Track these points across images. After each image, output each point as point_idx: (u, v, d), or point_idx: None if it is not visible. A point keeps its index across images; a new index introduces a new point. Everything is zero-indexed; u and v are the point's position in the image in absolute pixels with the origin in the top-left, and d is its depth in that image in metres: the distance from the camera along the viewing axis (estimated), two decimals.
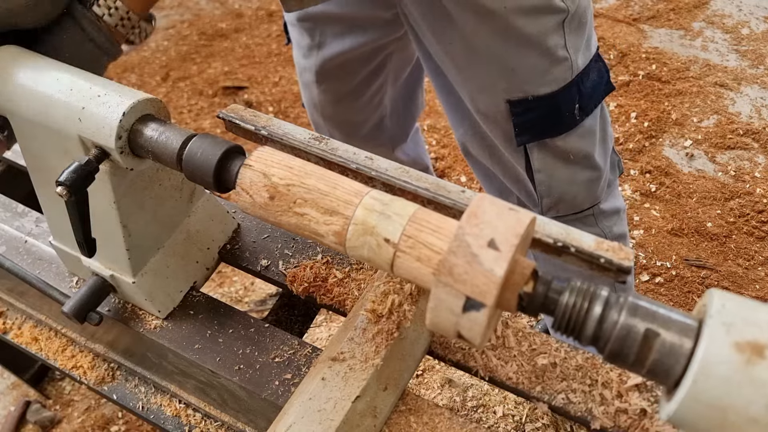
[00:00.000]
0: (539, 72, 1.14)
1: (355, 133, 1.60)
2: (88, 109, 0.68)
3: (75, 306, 0.83)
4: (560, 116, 1.18)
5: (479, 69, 1.16)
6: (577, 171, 1.27)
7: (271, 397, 0.79)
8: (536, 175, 1.26)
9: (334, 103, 1.51)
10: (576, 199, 1.31)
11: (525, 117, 1.18)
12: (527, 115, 1.17)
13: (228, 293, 2.06)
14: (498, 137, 1.24)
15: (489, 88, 1.17)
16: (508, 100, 1.16)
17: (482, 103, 1.20)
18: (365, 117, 1.58)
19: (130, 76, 2.96)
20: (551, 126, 1.20)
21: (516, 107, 1.17)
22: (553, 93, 1.16)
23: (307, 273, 0.88)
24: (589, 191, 1.31)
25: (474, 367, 0.79)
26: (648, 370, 0.47)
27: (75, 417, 1.82)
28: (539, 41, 1.11)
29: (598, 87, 1.21)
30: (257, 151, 0.62)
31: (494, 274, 0.48)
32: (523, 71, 1.14)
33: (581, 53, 1.16)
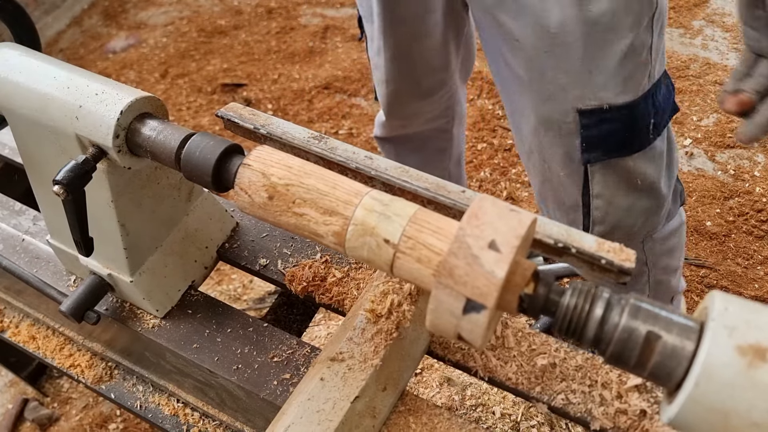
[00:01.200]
0: (621, 76, 1.02)
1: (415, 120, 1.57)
2: (86, 107, 0.68)
3: (72, 305, 0.82)
4: (635, 131, 1.07)
5: (550, 67, 1.03)
6: (639, 198, 1.16)
7: (270, 397, 0.79)
8: (594, 200, 1.15)
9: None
10: (632, 228, 1.20)
11: (596, 130, 1.06)
12: (599, 128, 1.06)
13: (226, 291, 2.05)
14: (556, 153, 1.12)
15: (558, 93, 1.05)
16: (580, 109, 1.04)
17: (547, 112, 1.08)
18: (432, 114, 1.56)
19: (129, 72, 2.95)
20: (624, 143, 1.08)
21: (587, 118, 1.05)
22: (632, 103, 1.04)
23: (306, 272, 0.88)
24: (648, 221, 1.21)
25: (473, 367, 0.79)
26: (649, 373, 0.47)
27: (73, 415, 1.81)
28: (629, 37, 0.99)
29: (667, 103, 1.11)
30: (256, 151, 0.62)
31: (495, 276, 0.48)
32: (602, 74, 1.02)
33: (659, 60, 1.05)
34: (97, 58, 3.08)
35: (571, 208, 1.20)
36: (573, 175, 1.13)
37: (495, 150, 2.37)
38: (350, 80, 2.73)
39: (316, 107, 2.65)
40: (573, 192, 1.16)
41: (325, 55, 2.90)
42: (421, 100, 1.47)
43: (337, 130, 2.53)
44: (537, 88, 1.07)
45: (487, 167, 2.31)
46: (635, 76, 1.04)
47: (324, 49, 2.94)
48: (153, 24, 3.27)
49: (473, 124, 2.48)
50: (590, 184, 1.13)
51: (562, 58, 1.02)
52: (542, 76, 1.05)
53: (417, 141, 1.62)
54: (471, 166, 2.31)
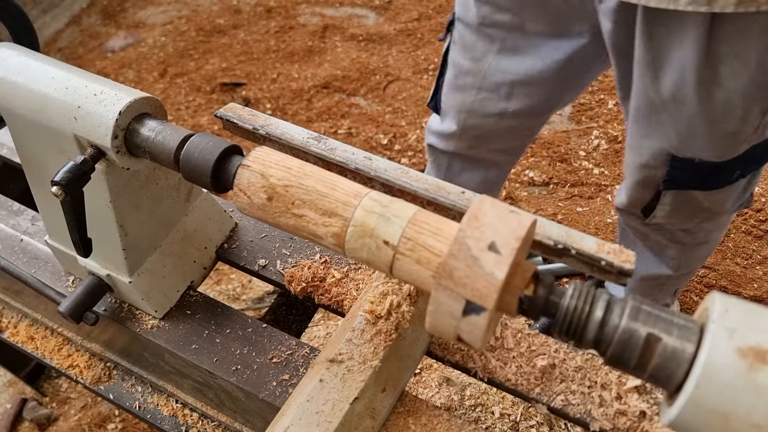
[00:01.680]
0: (721, 146, 1.05)
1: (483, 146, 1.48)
2: (84, 107, 0.68)
3: (71, 306, 0.82)
4: (719, 177, 1.11)
5: (662, 114, 1.05)
6: (701, 212, 1.23)
7: (269, 398, 0.79)
8: (657, 207, 1.22)
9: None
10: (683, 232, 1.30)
11: (682, 173, 1.11)
12: (685, 172, 1.10)
13: (225, 291, 2.05)
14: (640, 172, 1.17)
15: (658, 135, 1.08)
16: (673, 155, 1.09)
17: (645, 144, 1.12)
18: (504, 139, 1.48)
19: (128, 72, 2.95)
20: (705, 184, 1.12)
21: (678, 162, 1.09)
22: (724, 162, 1.07)
23: (305, 273, 0.88)
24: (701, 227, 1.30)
25: (473, 368, 0.79)
26: (650, 375, 0.47)
27: (72, 415, 1.81)
28: (740, 121, 1.00)
29: (764, 158, 1.12)
30: (255, 151, 0.62)
31: (495, 278, 0.48)
32: (704, 140, 1.04)
33: (763, 129, 1.04)
34: (96, 58, 3.08)
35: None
36: (647, 190, 1.20)
37: None
38: (349, 80, 2.73)
39: (315, 107, 2.65)
40: (643, 197, 1.23)
41: (324, 55, 2.90)
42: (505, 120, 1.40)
43: (336, 130, 2.53)
44: (644, 121, 1.10)
45: None
46: (735, 146, 1.06)
47: (323, 49, 2.94)
48: (152, 23, 3.26)
49: None
50: (659, 198, 1.19)
51: (672, 113, 1.04)
52: (651, 116, 1.07)
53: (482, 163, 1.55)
54: None
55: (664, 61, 0.98)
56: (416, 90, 2.66)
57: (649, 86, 1.03)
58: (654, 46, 0.97)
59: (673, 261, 1.49)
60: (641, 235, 1.44)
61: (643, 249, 1.51)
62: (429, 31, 2.93)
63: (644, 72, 1.02)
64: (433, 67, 2.74)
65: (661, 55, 0.98)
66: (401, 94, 2.65)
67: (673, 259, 1.48)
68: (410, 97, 2.63)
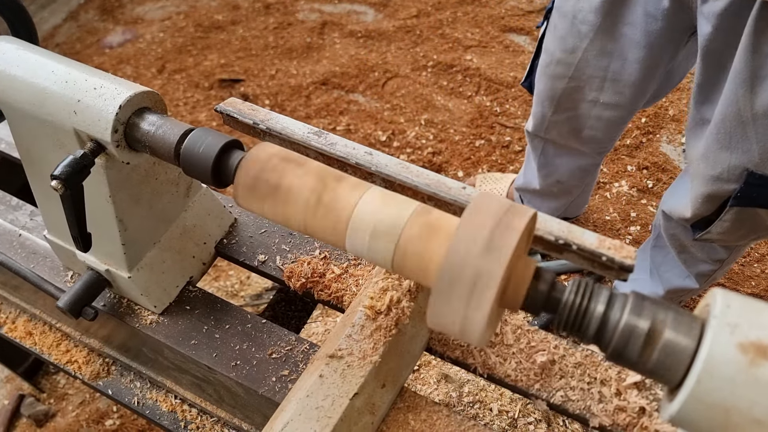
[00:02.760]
0: None
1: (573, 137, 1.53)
2: (84, 101, 0.67)
3: (70, 301, 0.82)
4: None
5: (749, 129, 1.04)
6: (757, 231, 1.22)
7: (268, 394, 0.79)
8: (719, 223, 1.19)
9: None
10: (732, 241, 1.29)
11: (756, 190, 1.09)
12: (759, 190, 1.09)
13: (223, 287, 2.05)
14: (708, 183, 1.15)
15: (741, 149, 1.07)
16: (750, 170, 1.07)
17: (723, 156, 1.10)
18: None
19: (126, 67, 2.94)
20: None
21: (754, 179, 1.08)
22: None
23: (305, 268, 0.88)
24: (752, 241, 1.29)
25: (473, 364, 0.79)
26: (651, 370, 0.47)
27: (69, 411, 1.81)
28: None
29: None
30: (256, 147, 0.61)
31: (495, 273, 0.48)
32: None
33: None
34: (94, 53, 3.07)
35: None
36: (711, 203, 1.17)
37: (493, 147, 2.37)
38: (348, 76, 2.73)
39: (313, 103, 2.64)
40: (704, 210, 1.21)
41: (323, 51, 2.90)
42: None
43: (335, 126, 2.53)
44: (727, 133, 1.07)
45: (485, 164, 2.30)
46: None
47: (322, 45, 2.93)
48: (150, 19, 3.25)
49: (471, 120, 2.47)
50: (720, 214, 1.17)
51: (761, 130, 1.03)
52: (736, 129, 1.06)
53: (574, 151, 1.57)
54: (469, 163, 2.31)
55: (764, 76, 0.96)
56: (415, 87, 2.66)
57: (742, 99, 1.00)
58: (757, 59, 0.95)
59: (704, 277, 1.47)
60: (680, 246, 1.42)
61: (675, 260, 1.49)
62: (428, 28, 2.93)
63: (739, 84, 0.99)
64: (432, 64, 2.74)
65: (763, 69, 0.96)
66: (400, 91, 2.65)
67: (705, 276, 1.46)
68: (409, 94, 2.63)
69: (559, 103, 1.41)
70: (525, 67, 2.68)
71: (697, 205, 1.22)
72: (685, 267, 1.49)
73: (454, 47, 2.82)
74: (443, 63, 2.74)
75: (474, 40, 2.84)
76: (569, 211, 1.98)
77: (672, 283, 1.56)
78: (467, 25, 2.93)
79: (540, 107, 1.47)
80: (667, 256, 1.53)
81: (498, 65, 2.70)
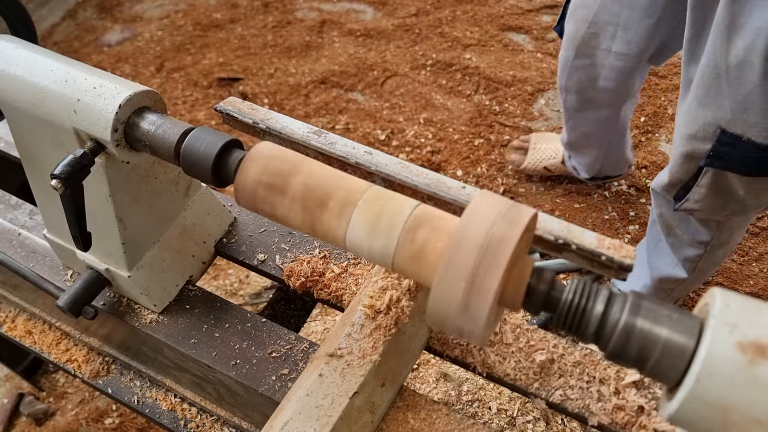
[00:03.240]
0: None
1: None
2: (84, 100, 0.67)
3: (70, 300, 0.82)
4: (759, 165, 1.11)
5: (722, 81, 1.06)
6: (733, 202, 1.24)
7: (268, 393, 0.79)
8: (696, 189, 1.23)
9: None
10: (714, 215, 1.31)
11: (728, 149, 1.11)
12: (731, 150, 1.11)
13: (222, 286, 2.05)
14: (687, 143, 1.19)
15: (714, 105, 1.10)
16: (722, 128, 1.09)
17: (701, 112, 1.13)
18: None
19: (124, 66, 2.93)
20: (747, 169, 1.13)
21: (725, 137, 1.10)
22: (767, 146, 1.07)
23: (304, 268, 0.88)
24: (731, 217, 1.31)
25: (472, 363, 0.79)
26: (650, 370, 0.47)
27: (69, 409, 1.81)
28: None
29: None
30: (256, 146, 0.61)
31: (496, 272, 0.48)
32: (757, 116, 1.05)
33: None
34: (92, 52, 3.06)
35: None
36: (688, 164, 1.21)
37: (492, 146, 2.37)
38: (347, 75, 2.73)
39: (312, 102, 2.64)
40: (682, 173, 1.25)
41: (322, 50, 2.90)
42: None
43: (334, 125, 2.53)
44: (705, 88, 1.11)
45: (483, 163, 2.30)
46: None
47: (321, 44, 2.93)
48: (148, 17, 3.25)
49: (470, 119, 2.47)
50: (697, 179, 1.21)
51: (734, 83, 1.05)
52: (712, 83, 1.08)
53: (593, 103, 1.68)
54: (467, 162, 2.31)
55: (741, 25, 0.99)
56: (414, 86, 2.66)
57: (719, 50, 1.04)
58: (737, 7, 0.99)
59: (691, 263, 1.50)
60: (667, 228, 1.46)
61: (665, 246, 1.53)
62: (427, 27, 2.93)
63: (718, 35, 1.03)
64: (431, 63, 2.74)
65: (741, 17, 0.99)
66: (399, 90, 2.65)
67: (692, 261, 1.49)
68: (408, 93, 2.63)
69: (579, 49, 1.52)
70: (524, 66, 2.68)
71: (676, 168, 1.27)
72: (672, 252, 1.52)
73: (453, 46, 2.82)
74: (442, 62, 2.74)
75: (473, 39, 2.84)
76: (608, 169, 2.04)
77: (661, 271, 1.59)
78: (466, 23, 2.93)
79: (565, 51, 1.58)
80: (659, 243, 1.56)
81: (497, 64, 2.70)
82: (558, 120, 2.46)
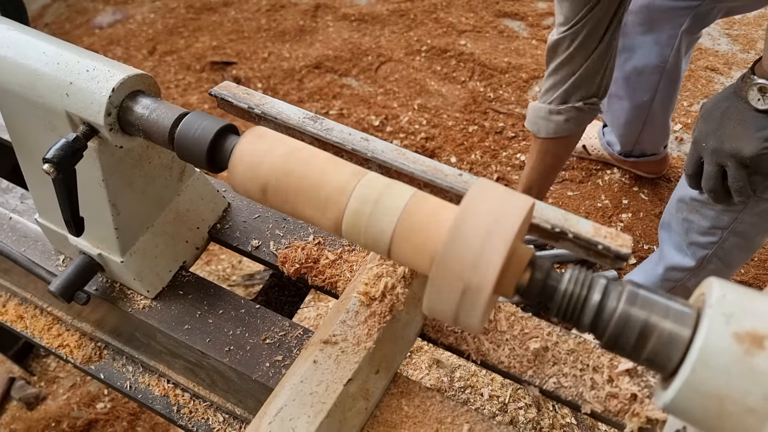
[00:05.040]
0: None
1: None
2: (76, 84, 0.66)
3: (62, 285, 0.81)
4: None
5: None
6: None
7: (262, 379, 0.79)
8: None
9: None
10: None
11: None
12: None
13: (215, 271, 2.04)
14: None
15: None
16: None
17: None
18: None
19: (116, 49, 2.90)
20: None
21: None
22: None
23: (299, 254, 0.88)
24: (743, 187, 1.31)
25: (466, 350, 0.79)
26: (646, 359, 0.47)
27: (60, 394, 1.81)
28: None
29: None
30: (251, 131, 0.61)
31: (493, 262, 0.48)
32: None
33: None
34: (83, 34, 3.03)
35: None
36: None
37: (486, 132, 2.36)
38: (341, 60, 2.71)
39: (306, 87, 2.62)
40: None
41: (316, 34, 2.87)
42: None
43: (328, 111, 2.51)
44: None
45: (478, 150, 2.30)
46: None
47: (315, 28, 2.91)
48: None
49: (465, 106, 2.47)
50: None
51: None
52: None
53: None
54: (462, 149, 2.31)
55: None
56: (408, 71, 2.65)
57: None
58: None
59: (701, 250, 1.48)
60: (686, 208, 1.45)
61: (678, 231, 1.51)
62: (422, 12, 2.91)
63: None
64: (425, 49, 2.72)
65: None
66: (393, 76, 2.64)
67: (703, 248, 1.47)
68: (402, 79, 2.62)
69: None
70: (519, 53, 2.67)
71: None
72: (685, 236, 1.49)
73: (448, 32, 2.80)
74: (437, 48, 2.72)
75: (468, 25, 2.82)
76: (645, 145, 2.06)
77: (671, 260, 1.57)
78: (461, 9, 2.91)
79: None
80: (671, 232, 1.54)
81: (492, 50, 2.69)
82: None
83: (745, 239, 1.41)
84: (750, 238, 1.41)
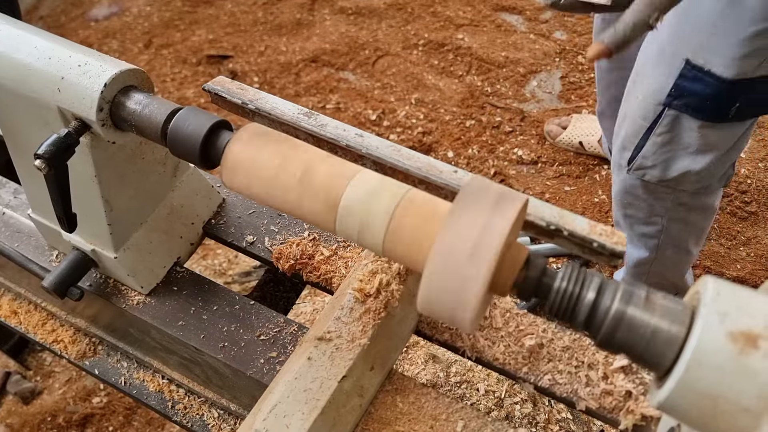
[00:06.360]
0: (736, 53, 1.08)
1: None
2: (68, 79, 0.66)
3: (55, 281, 0.81)
4: (716, 104, 1.15)
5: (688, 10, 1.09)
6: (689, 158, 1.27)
7: (256, 376, 0.79)
8: (653, 138, 1.27)
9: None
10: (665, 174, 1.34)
11: (689, 83, 1.15)
12: (692, 84, 1.15)
13: (211, 266, 2.04)
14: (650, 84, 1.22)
15: (681, 35, 1.13)
16: (688, 60, 1.13)
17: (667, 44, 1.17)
18: None
19: (111, 42, 2.89)
20: (701, 108, 1.17)
21: (689, 70, 1.14)
22: (729, 80, 1.10)
23: (294, 250, 0.87)
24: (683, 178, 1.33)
25: (461, 347, 0.79)
26: (639, 357, 0.47)
27: (56, 388, 1.80)
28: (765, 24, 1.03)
29: (762, 104, 1.17)
30: (245, 127, 0.60)
31: (486, 259, 0.47)
32: (722, 41, 1.07)
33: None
34: (79, 27, 3.01)
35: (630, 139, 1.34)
36: (650, 108, 1.25)
37: (483, 127, 2.36)
38: (338, 54, 2.70)
39: (303, 81, 2.61)
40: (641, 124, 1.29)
41: (313, 28, 2.86)
42: None
43: (325, 105, 2.50)
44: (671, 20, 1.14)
45: (475, 144, 2.30)
46: (749, 60, 1.08)
47: (312, 22, 2.89)
48: None
49: (462, 100, 2.46)
50: (658, 121, 1.24)
51: (698, 6, 1.08)
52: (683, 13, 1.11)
53: None
54: (459, 143, 2.30)
55: None
56: (405, 65, 2.64)
57: None
58: None
59: (651, 240, 1.52)
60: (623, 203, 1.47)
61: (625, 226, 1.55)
62: (419, 6, 2.90)
63: None
64: (423, 43, 2.71)
65: None
66: (390, 70, 2.63)
67: (651, 237, 1.51)
68: (399, 73, 2.61)
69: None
70: (517, 47, 2.66)
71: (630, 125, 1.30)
72: (631, 230, 1.53)
73: (445, 26, 2.79)
74: (434, 42, 2.71)
75: (466, 19, 2.81)
76: None
77: (630, 256, 1.61)
78: (459, 3, 2.90)
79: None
80: (621, 229, 1.57)
81: (490, 45, 2.68)
82: (549, 102, 2.45)
83: (686, 223, 1.46)
84: (690, 222, 1.46)
